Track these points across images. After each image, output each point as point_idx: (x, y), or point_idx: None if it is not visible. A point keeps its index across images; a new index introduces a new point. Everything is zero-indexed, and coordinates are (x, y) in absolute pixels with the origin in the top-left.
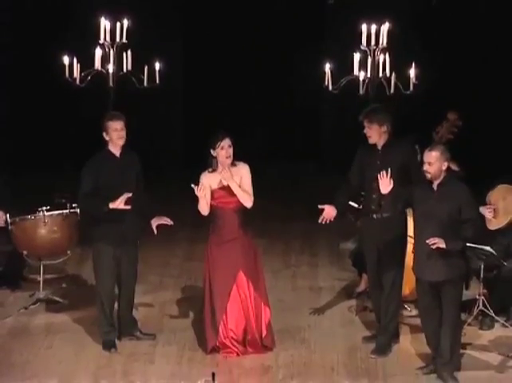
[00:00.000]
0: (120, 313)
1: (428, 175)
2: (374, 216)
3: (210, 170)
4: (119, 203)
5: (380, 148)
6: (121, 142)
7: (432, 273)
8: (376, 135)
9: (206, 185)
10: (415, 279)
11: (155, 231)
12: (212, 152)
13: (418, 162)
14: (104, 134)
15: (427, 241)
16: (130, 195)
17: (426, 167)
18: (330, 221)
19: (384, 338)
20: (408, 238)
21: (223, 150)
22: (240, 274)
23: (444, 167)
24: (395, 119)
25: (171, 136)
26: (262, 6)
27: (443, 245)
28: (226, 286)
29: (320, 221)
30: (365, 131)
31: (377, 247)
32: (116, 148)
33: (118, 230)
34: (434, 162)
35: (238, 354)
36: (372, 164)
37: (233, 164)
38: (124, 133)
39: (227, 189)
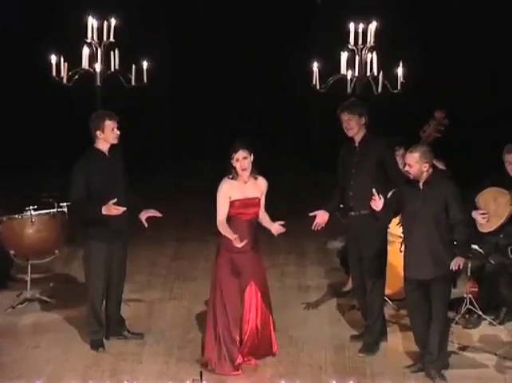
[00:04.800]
0: (108, 313)
1: (410, 176)
2: (352, 213)
3: (230, 177)
4: (112, 210)
5: (357, 144)
6: (117, 141)
7: (421, 271)
8: (356, 126)
9: (227, 195)
10: (397, 279)
11: (146, 224)
12: (231, 160)
13: (394, 160)
14: (98, 132)
15: (452, 268)
16: (115, 200)
17: (407, 168)
18: (322, 227)
19: (370, 337)
20: (396, 238)
21: (238, 162)
22: (252, 285)
23: (425, 169)
24: (383, 117)
25: (158, 136)
26: (251, 5)
27: (463, 260)
28: (238, 299)
29: (313, 228)
30: (345, 124)
31: (357, 245)
32: (106, 146)
33: (110, 228)
34: (414, 164)
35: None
36: (349, 162)
37: (253, 177)
38: (119, 133)
39: (247, 201)
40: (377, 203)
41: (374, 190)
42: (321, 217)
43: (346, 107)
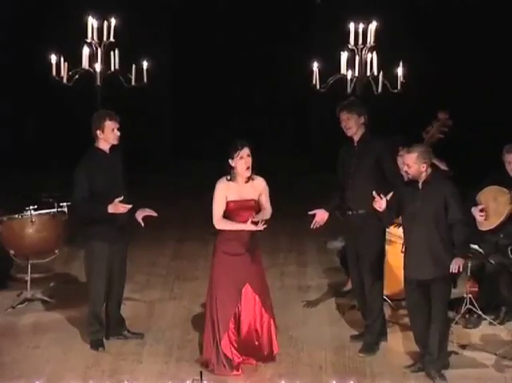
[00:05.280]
0: (108, 313)
1: (409, 176)
2: (349, 213)
3: (228, 178)
4: (119, 208)
5: (355, 144)
6: (117, 142)
7: (421, 271)
8: (355, 125)
9: (224, 194)
10: (397, 279)
11: (142, 224)
12: (230, 161)
13: (391, 159)
14: (99, 132)
15: (453, 271)
16: (121, 198)
17: (405, 168)
18: (321, 226)
19: (370, 337)
20: (397, 238)
21: (242, 160)
22: (247, 287)
23: (424, 169)
24: (383, 117)
25: (158, 136)
26: (251, 5)
27: (462, 261)
28: (231, 300)
29: (312, 226)
30: (343, 124)
31: (355, 245)
32: (106, 146)
33: (113, 228)
34: (412, 164)
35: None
36: (348, 161)
37: (251, 178)
38: (119, 133)
39: (243, 203)
40: (380, 204)
41: (374, 192)
42: (320, 216)
43: (345, 106)
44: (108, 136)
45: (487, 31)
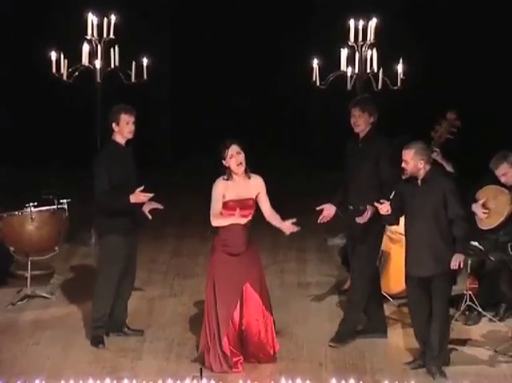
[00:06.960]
0: (114, 311)
1: (407, 173)
2: (351, 207)
3: (225, 177)
4: (141, 197)
5: (360, 141)
6: (131, 135)
7: (421, 268)
8: (364, 124)
9: (221, 193)
10: (401, 277)
11: (150, 216)
12: (223, 162)
13: (389, 161)
14: (114, 125)
15: (453, 267)
16: (142, 187)
17: (403, 165)
18: (328, 221)
19: (344, 327)
20: (402, 237)
21: (233, 158)
22: (247, 286)
23: (421, 165)
24: (382, 114)
25: (158, 134)
26: (251, 3)
27: (462, 257)
28: (231, 300)
29: (319, 221)
30: (353, 120)
31: (354, 241)
32: (122, 140)
33: (129, 222)
34: (409, 160)
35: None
36: (351, 157)
37: (247, 176)
38: (134, 127)
39: (242, 202)
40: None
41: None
42: (328, 210)
43: (358, 103)
44: (122, 128)
45: (488, 27)
